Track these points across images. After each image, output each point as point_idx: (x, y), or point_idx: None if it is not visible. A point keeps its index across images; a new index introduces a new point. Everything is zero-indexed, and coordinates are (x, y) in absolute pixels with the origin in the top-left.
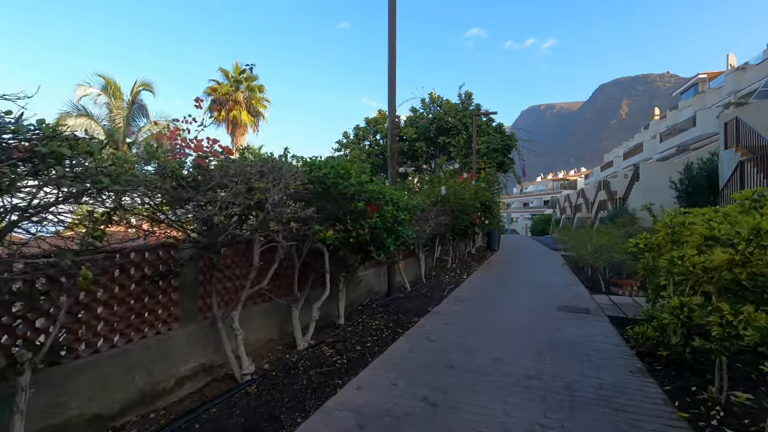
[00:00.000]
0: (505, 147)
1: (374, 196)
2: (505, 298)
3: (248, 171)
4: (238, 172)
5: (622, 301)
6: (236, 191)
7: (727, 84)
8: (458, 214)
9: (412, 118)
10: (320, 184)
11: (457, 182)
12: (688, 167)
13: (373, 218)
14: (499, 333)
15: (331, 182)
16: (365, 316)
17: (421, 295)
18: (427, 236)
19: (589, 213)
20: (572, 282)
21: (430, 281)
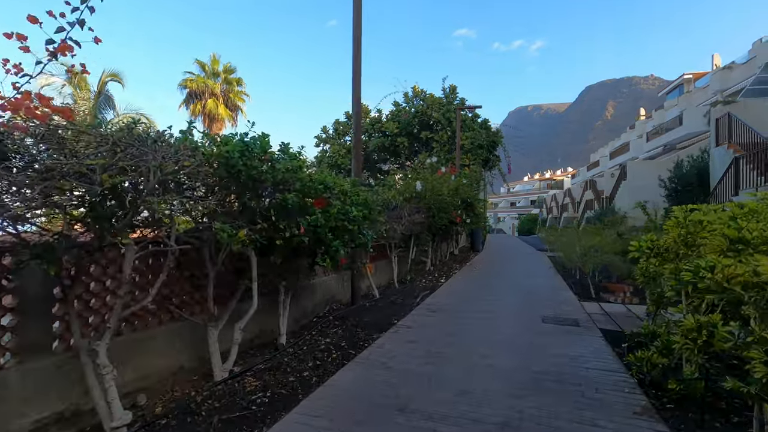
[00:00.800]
0: (491, 143)
1: (311, 187)
2: (484, 307)
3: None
4: (60, 144)
5: (614, 309)
6: (63, 170)
7: (714, 83)
8: (435, 212)
9: (394, 112)
10: (226, 167)
11: (434, 177)
12: (678, 165)
13: (314, 215)
14: (473, 355)
15: (242, 165)
16: (317, 331)
17: (389, 304)
18: (401, 236)
19: (575, 212)
20: (559, 286)
21: (404, 286)
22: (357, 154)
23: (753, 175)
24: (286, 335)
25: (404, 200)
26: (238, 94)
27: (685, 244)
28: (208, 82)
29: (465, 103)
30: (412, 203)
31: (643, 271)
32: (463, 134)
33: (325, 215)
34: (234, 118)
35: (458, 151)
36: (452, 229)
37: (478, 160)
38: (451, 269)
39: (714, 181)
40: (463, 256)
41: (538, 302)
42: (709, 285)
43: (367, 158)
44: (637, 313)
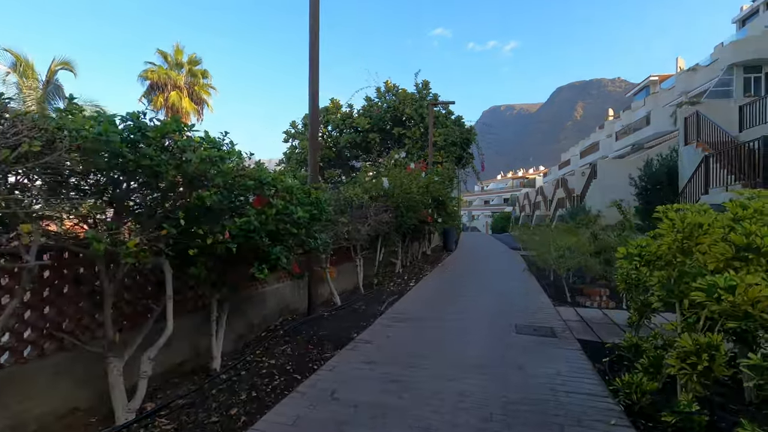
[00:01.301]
0: (464, 141)
1: (240, 183)
2: (454, 315)
3: None
4: None
5: (591, 315)
6: None
7: (679, 84)
8: (404, 211)
9: (366, 107)
10: (105, 154)
11: (403, 174)
12: (647, 164)
13: (244, 217)
14: (439, 379)
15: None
16: (262, 349)
17: (351, 312)
18: (366, 237)
19: (547, 211)
20: (533, 289)
21: (370, 291)
22: (313, 146)
23: (722, 174)
24: (221, 358)
25: (370, 199)
26: (204, 87)
27: (681, 251)
28: (171, 73)
29: (438, 99)
30: (378, 202)
31: (624, 277)
32: (436, 131)
33: (261, 217)
34: (200, 112)
35: (431, 147)
36: (423, 229)
37: (451, 158)
38: (422, 271)
39: (683, 180)
40: (435, 256)
41: (511, 308)
42: (728, 309)
43: (339, 155)
44: (615, 319)
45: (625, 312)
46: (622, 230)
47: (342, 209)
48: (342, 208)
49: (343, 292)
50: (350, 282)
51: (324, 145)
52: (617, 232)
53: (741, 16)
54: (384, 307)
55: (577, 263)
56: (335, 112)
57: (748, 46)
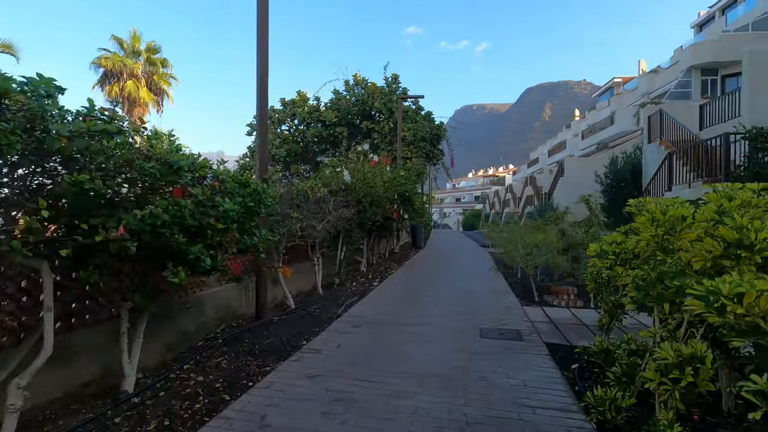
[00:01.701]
0: (434, 137)
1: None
2: (417, 318)
3: None
4: None
5: (559, 315)
6: None
7: (641, 86)
8: (367, 207)
9: (334, 100)
10: None
11: (366, 167)
12: (612, 161)
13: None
14: (394, 397)
15: None
16: (193, 363)
17: (305, 316)
18: (325, 234)
19: (516, 208)
20: (500, 289)
21: (330, 292)
22: (262, 134)
23: (683, 171)
24: (138, 375)
25: (330, 193)
26: (164, 77)
27: (661, 248)
28: (127, 61)
29: (407, 93)
30: (339, 196)
31: (594, 276)
32: (405, 125)
33: (174, 210)
34: (159, 103)
35: (399, 142)
36: (390, 226)
37: (420, 153)
38: (389, 269)
39: (647, 177)
40: (403, 253)
41: (477, 309)
42: (732, 322)
43: (306, 149)
44: (584, 319)
45: (594, 311)
46: (590, 227)
47: (298, 204)
48: (298, 203)
49: (299, 293)
50: (308, 282)
51: (290, 139)
52: (584, 229)
53: (699, 21)
54: (341, 310)
55: (545, 261)
56: (302, 105)
57: (705, 49)
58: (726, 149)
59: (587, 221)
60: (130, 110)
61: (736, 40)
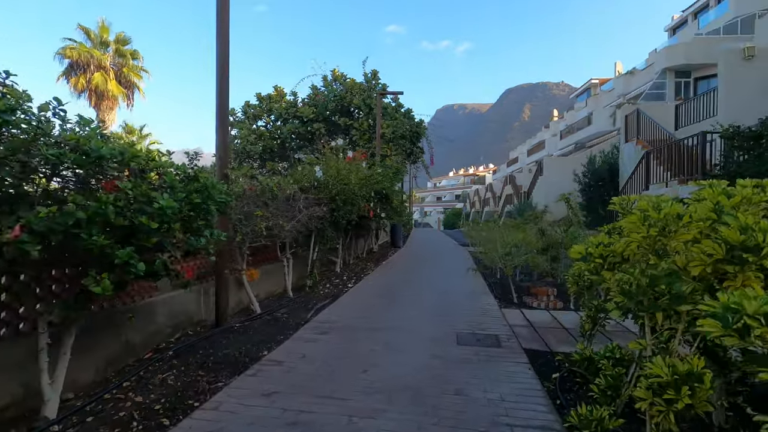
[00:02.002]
0: (414, 134)
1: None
2: (391, 322)
3: None
4: None
5: (539, 318)
6: None
7: (618, 87)
8: (340, 205)
9: (311, 96)
10: None
11: (340, 163)
12: (591, 161)
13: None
14: (355, 415)
15: None
16: (135, 379)
17: (271, 322)
18: (296, 234)
19: (496, 207)
20: (479, 290)
21: (300, 295)
22: (222, 121)
23: (660, 171)
24: (63, 398)
25: (301, 190)
26: (134, 69)
27: (655, 251)
28: (95, 52)
29: (387, 89)
30: (311, 193)
31: (576, 278)
32: (384, 122)
33: (94, 207)
34: (129, 97)
35: (378, 139)
36: (367, 225)
37: (399, 151)
38: (365, 269)
39: (624, 176)
40: (382, 252)
41: (455, 312)
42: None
43: (283, 146)
44: (564, 322)
45: (574, 314)
46: (569, 226)
47: (266, 201)
48: (266, 200)
49: (268, 296)
50: (279, 284)
51: (267, 135)
52: (564, 228)
53: (672, 25)
54: (311, 315)
55: (524, 260)
56: (279, 100)
57: (678, 51)
58: (702, 148)
59: (566, 220)
60: (98, 103)
61: (707, 43)
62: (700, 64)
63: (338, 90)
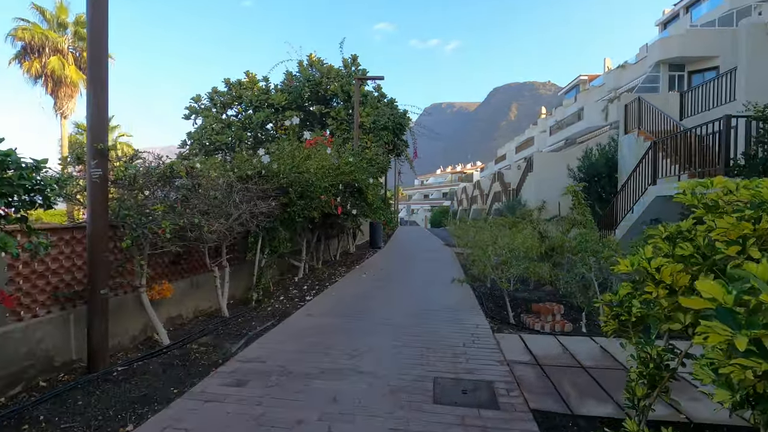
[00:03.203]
0: (398, 126)
1: None
2: (343, 361)
3: None
4: None
5: (546, 349)
6: None
7: (609, 82)
8: (294, 199)
9: (285, 83)
10: None
11: (296, 148)
12: (586, 155)
13: None
14: None
15: None
16: None
17: (174, 363)
18: (229, 236)
19: (484, 205)
20: (467, 304)
21: (240, 312)
22: (93, 77)
23: (666, 164)
24: None
25: (240, 179)
26: None
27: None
28: (50, 34)
29: (367, 73)
30: (253, 184)
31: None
32: (364, 110)
33: None
34: None
35: (356, 129)
36: (339, 224)
37: (381, 143)
38: (334, 276)
39: (623, 171)
40: (359, 254)
41: (434, 341)
42: None
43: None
44: (581, 355)
45: (589, 340)
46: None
47: (185, 194)
48: (185, 193)
49: (198, 316)
50: (213, 299)
51: (239, 126)
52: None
53: (663, 20)
54: (238, 347)
55: (523, 271)
56: (250, 87)
57: (672, 44)
58: (726, 136)
59: (569, 219)
60: (54, 90)
61: (702, 35)
62: (696, 57)
63: (313, 75)
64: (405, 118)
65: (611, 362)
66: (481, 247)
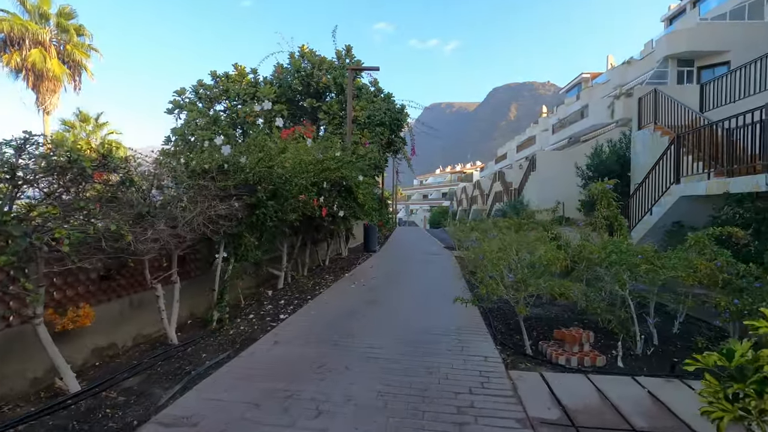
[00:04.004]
0: (394, 122)
1: None
2: (309, 422)
3: None
4: None
5: (578, 395)
6: None
7: (614, 78)
8: (263, 198)
9: (275, 75)
10: None
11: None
12: (596, 152)
13: None
14: None
15: None
16: None
17: (66, 428)
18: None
19: (484, 205)
20: (472, 325)
21: (195, 336)
22: None
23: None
24: None
25: (194, 175)
26: (80, 47)
27: None
28: (30, 25)
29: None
30: (210, 180)
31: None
32: (358, 104)
33: None
34: (75, 78)
35: (350, 123)
36: (326, 227)
37: (376, 139)
38: (319, 286)
39: (637, 168)
40: (352, 258)
41: (432, 384)
42: None
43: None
44: (619, 402)
45: (631, 382)
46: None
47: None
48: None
49: (135, 345)
50: (158, 324)
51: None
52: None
53: (669, 15)
54: (169, 398)
55: (548, 289)
56: (239, 80)
57: (681, 38)
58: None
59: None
60: (36, 85)
61: (713, 28)
62: (706, 52)
63: (306, 68)
64: (403, 114)
65: (670, 419)
66: (491, 261)
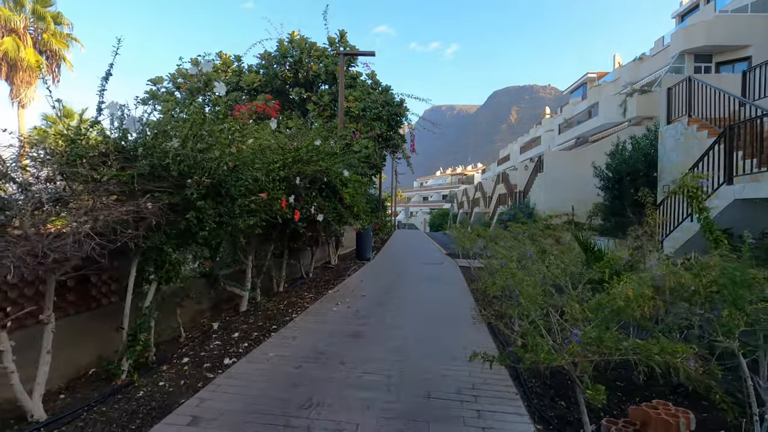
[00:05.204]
0: (392, 116)
1: None
2: None
3: None
4: None
5: None
6: None
7: (624, 76)
8: (196, 197)
9: (260, 64)
10: None
11: (202, 116)
12: (617, 150)
13: None
14: None
15: None
16: None
17: None
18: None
19: (487, 208)
20: (493, 388)
21: (76, 406)
22: None
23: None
24: None
25: (71, 162)
26: (58, 36)
27: None
28: (3, 11)
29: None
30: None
31: None
32: (351, 94)
33: None
34: (53, 68)
35: (341, 114)
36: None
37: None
38: (293, 308)
39: (667, 168)
40: (341, 268)
41: None
42: None
43: None
44: None
45: None
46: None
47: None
48: None
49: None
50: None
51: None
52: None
53: (681, 11)
54: None
55: (644, 354)
56: (224, 69)
57: (699, 32)
58: None
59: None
60: (10, 76)
61: (733, 21)
62: (725, 46)
63: (294, 54)
64: (402, 109)
65: None
66: (530, 299)
